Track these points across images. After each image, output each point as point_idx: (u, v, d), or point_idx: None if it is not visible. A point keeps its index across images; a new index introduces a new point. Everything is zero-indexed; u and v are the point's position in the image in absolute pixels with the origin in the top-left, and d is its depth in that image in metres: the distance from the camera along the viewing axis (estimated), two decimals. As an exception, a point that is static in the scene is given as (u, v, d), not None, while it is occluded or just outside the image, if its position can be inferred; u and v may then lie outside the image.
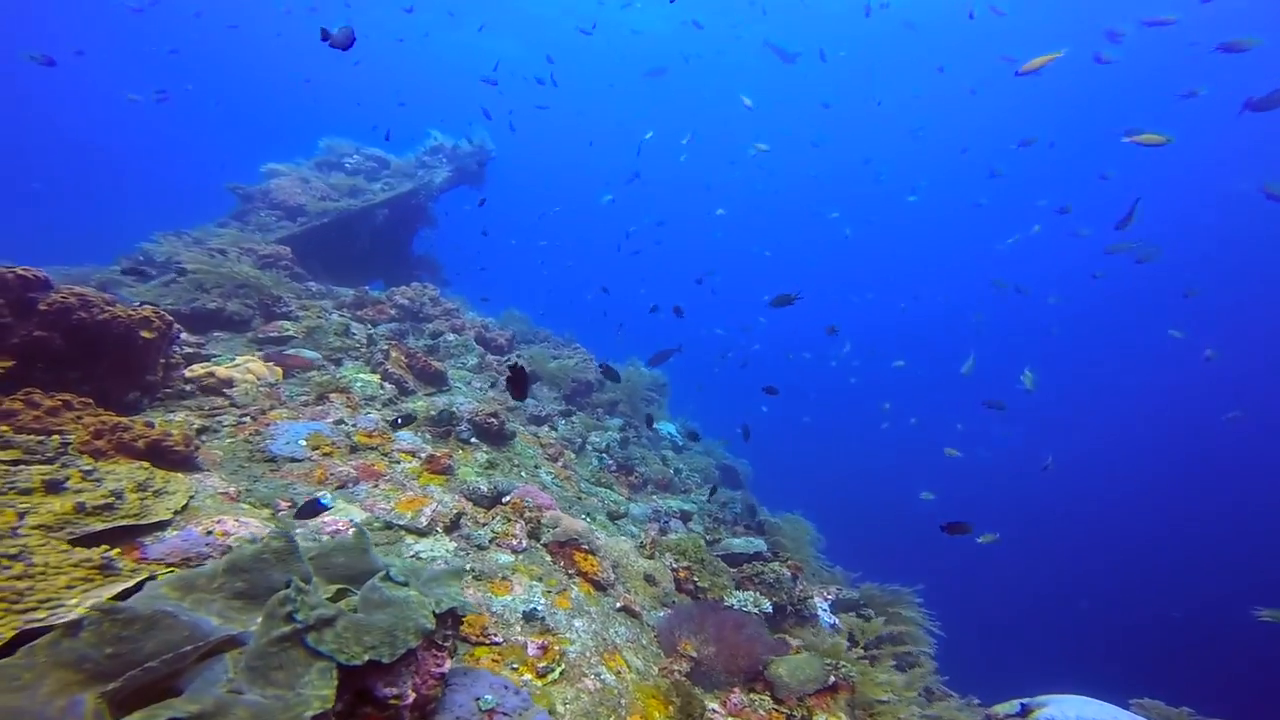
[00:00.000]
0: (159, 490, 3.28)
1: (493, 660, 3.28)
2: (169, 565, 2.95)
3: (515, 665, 3.29)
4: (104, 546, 2.59)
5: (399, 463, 4.91)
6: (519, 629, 3.61)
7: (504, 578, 3.96)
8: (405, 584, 2.40)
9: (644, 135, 16.71)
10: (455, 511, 4.35)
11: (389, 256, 12.99)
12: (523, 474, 5.78)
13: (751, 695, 4.00)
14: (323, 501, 3.73)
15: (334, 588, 2.52)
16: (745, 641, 4.11)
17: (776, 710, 3.89)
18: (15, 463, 3.04)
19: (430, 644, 2.49)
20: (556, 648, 3.47)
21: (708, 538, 6.24)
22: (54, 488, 2.91)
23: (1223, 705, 5.30)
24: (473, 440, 5.90)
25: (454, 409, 5.89)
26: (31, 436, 3.24)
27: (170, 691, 1.96)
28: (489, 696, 2.65)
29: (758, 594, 5.04)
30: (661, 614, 4.58)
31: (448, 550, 4.02)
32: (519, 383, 3.85)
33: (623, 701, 3.39)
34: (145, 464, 3.43)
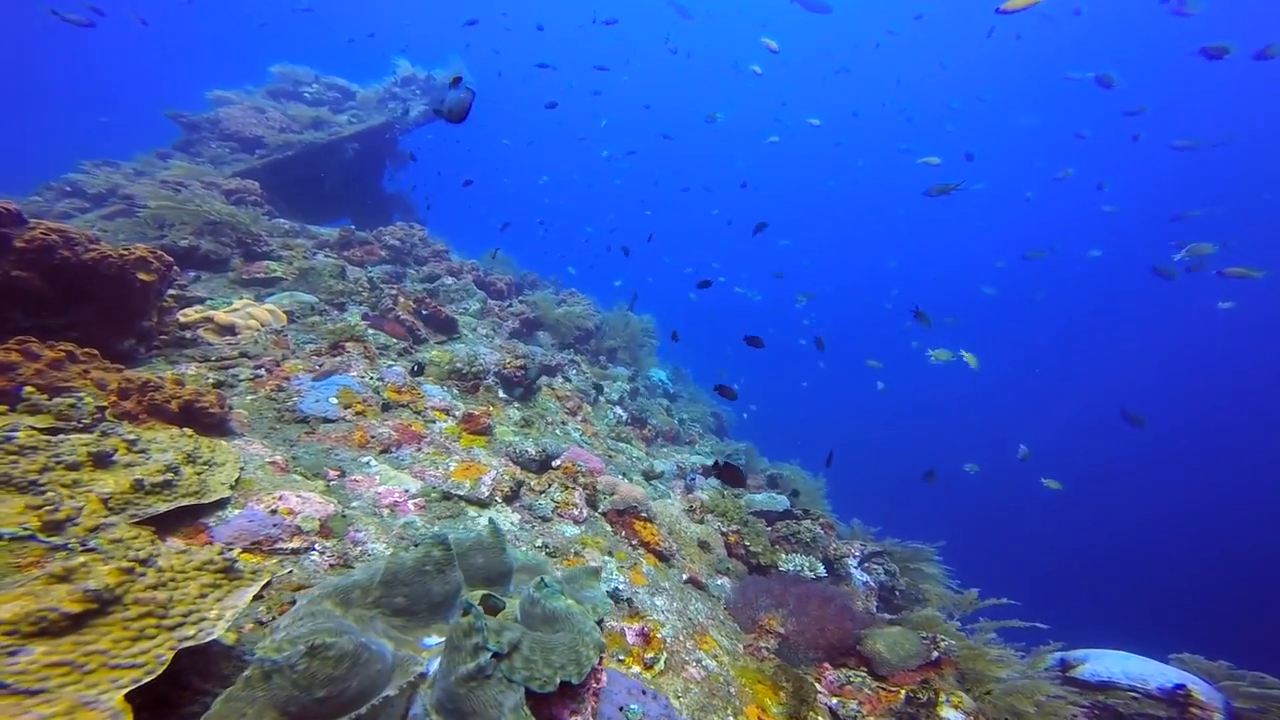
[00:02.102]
0: (209, 462, 2.92)
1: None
2: (242, 550, 2.65)
3: (622, 657, 3.09)
4: (212, 545, 2.26)
5: (434, 422, 4.59)
6: (610, 613, 3.46)
7: (576, 553, 3.76)
8: (562, 592, 2.17)
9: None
10: (515, 480, 4.09)
11: (359, 195, 12.13)
12: (556, 431, 5.53)
13: (845, 671, 3.91)
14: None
15: (479, 593, 2.29)
16: (834, 615, 3.99)
17: (885, 689, 3.79)
18: (51, 431, 2.63)
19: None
20: (657, 635, 3.32)
21: (729, 494, 6.16)
22: (102, 461, 2.53)
23: (1262, 658, 5.52)
24: (502, 395, 5.60)
25: (479, 359, 5.54)
26: (63, 400, 2.81)
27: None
28: (635, 706, 2.49)
29: (811, 558, 5.00)
30: (721, 583, 4.49)
31: (512, 524, 3.78)
32: (732, 476, 4.23)
33: (732, 690, 3.27)
34: (189, 431, 3.04)
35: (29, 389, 2.80)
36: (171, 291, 5.42)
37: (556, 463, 4.58)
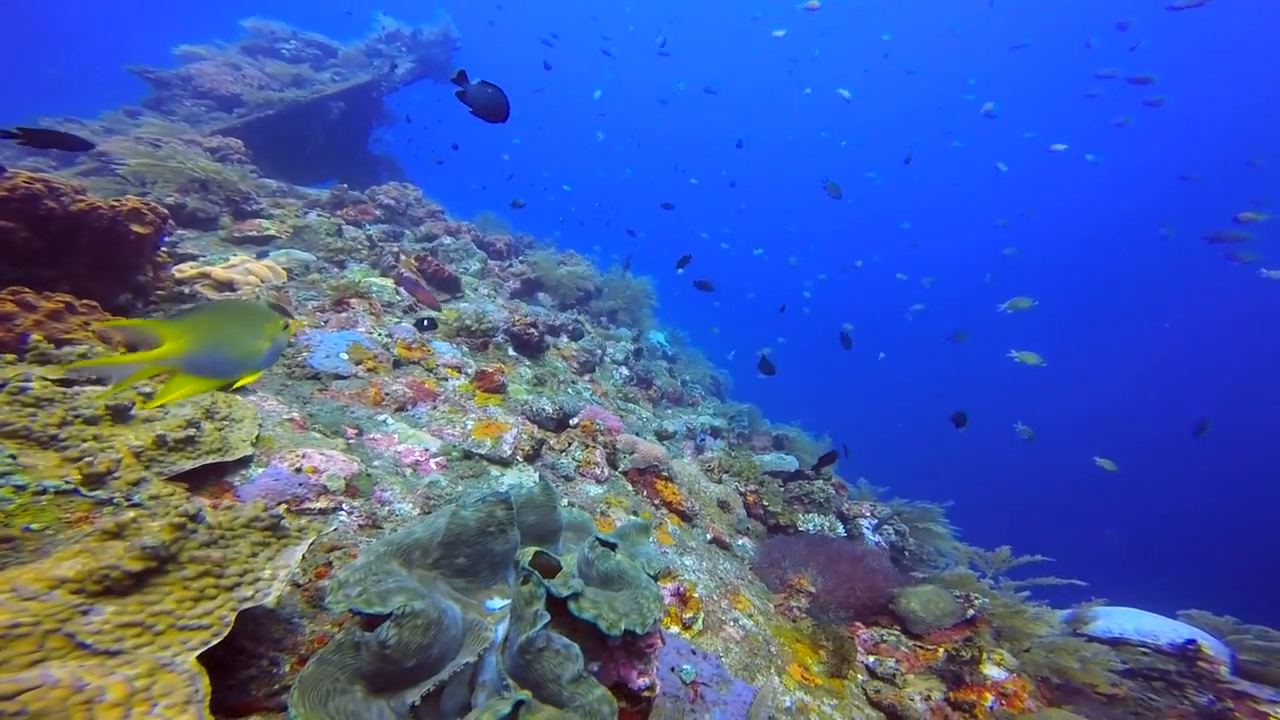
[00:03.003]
0: (227, 417, 2.77)
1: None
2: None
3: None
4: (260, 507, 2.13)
5: (447, 379, 4.45)
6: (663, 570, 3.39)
7: (602, 513, 3.68)
8: (615, 546, 2.07)
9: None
10: (535, 438, 3.98)
11: (345, 156, 11.67)
12: (568, 390, 5.42)
13: (878, 630, 3.89)
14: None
15: (531, 550, 2.19)
16: (865, 574, 3.96)
17: (922, 647, 3.78)
18: (64, 383, 2.46)
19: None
20: (693, 594, 3.26)
21: (744, 453, 6.12)
22: (121, 416, 2.37)
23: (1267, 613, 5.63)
24: (512, 353, 5.45)
25: (488, 316, 5.38)
26: (73, 350, 2.64)
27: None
28: (687, 667, 2.44)
29: (830, 518, 4.98)
30: (743, 543, 4.45)
31: (536, 484, 3.70)
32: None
33: (772, 649, 3.23)
34: (204, 384, 2.88)
35: (36, 336, 2.62)
36: (163, 248, 5.18)
37: (574, 421, 4.47)
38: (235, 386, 1.69)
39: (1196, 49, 31.81)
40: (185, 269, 4.87)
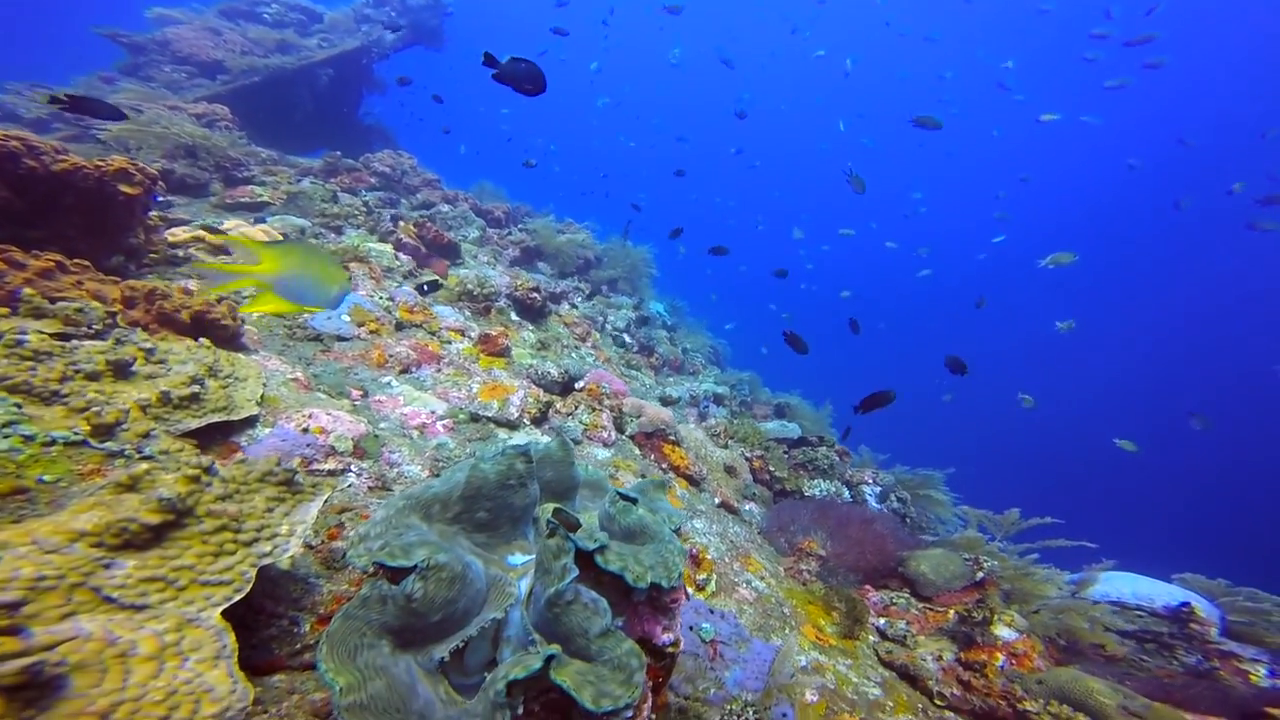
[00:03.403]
0: (231, 376, 2.69)
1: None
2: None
3: (675, 580, 3.03)
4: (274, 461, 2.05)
5: (450, 343, 4.37)
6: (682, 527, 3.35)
7: (611, 476, 3.63)
8: (636, 501, 2.02)
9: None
10: (543, 401, 3.91)
11: (334, 125, 11.35)
12: (571, 355, 5.34)
13: (887, 593, 3.88)
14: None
15: (550, 507, 2.13)
16: (874, 538, 3.94)
17: (932, 609, 3.77)
18: (62, 336, 2.37)
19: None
20: (706, 556, 3.23)
21: (748, 419, 6.08)
22: (122, 371, 2.28)
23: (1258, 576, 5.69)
24: (514, 317, 5.36)
25: (490, 281, 5.28)
26: (69, 304, 2.53)
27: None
28: (706, 625, 2.41)
29: (836, 483, 4.96)
30: (750, 508, 4.42)
31: (552, 438, 3.65)
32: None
33: (785, 611, 3.22)
34: (206, 342, 2.79)
35: (28, 291, 2.52)
36: (154, 211, 5.03)
37: (580, 385, 4.41)
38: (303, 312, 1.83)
39: (1205, 11, 31.40)
40: (178, 233, 4.73)
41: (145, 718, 1.27)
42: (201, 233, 4.69)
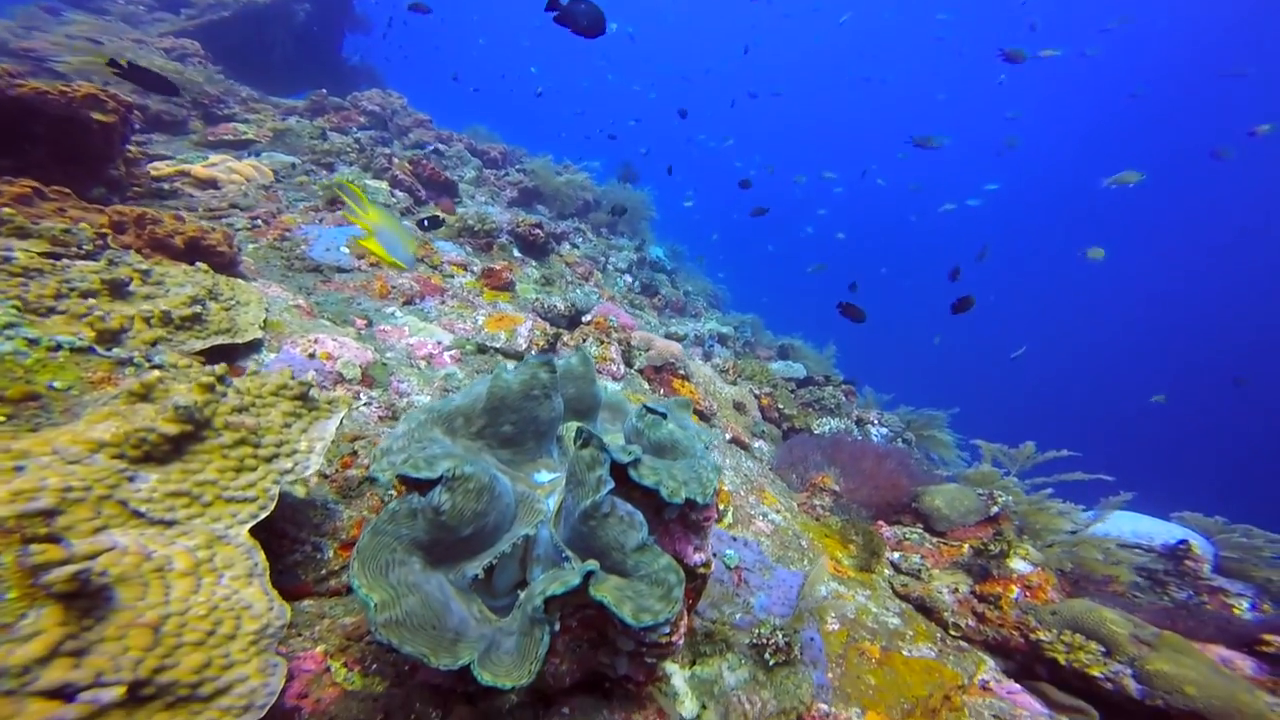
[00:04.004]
0: (232, 300, 2.55)
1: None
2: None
3: (690, 509, 2.96)
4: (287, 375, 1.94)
5: (453, 276, 4.23)
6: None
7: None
8: (665, 415, 1.91)
9: None
10: (550, 334, 3.80)
11: (316, 66, 10.78)
12: (577, 292, 5.20)
13: (900, 528, 3.85)
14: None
15: (574, 425, 2.04)
16: (888, 472, 3.88)
17: (946, 544, 3.74)
18: (52, 256, 2.22)
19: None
20: (723, 488, 3.17)
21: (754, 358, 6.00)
22: (119, 291, 2.14)
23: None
24: (517, 254, 5.20)
25: (490, 217, 5.10)
26: (55, 224, 2.38)
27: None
28: (730, 552, 2.35)
29: (845, 421, 4.91)
30: (760, 445, 4.36)
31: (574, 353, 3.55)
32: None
33: (803, 543, 3.17)
34: (203, 267, 2.64)
35: (8, 211, 2.35)
36: (132, 143, 4.78)
37: (587, 318, 4.29)
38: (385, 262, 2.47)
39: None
40: (162, 167, 4.51)
41: (192, 631, 1.26)
42: (186, 166, 4.47)
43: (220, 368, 1.56)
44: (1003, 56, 7.22)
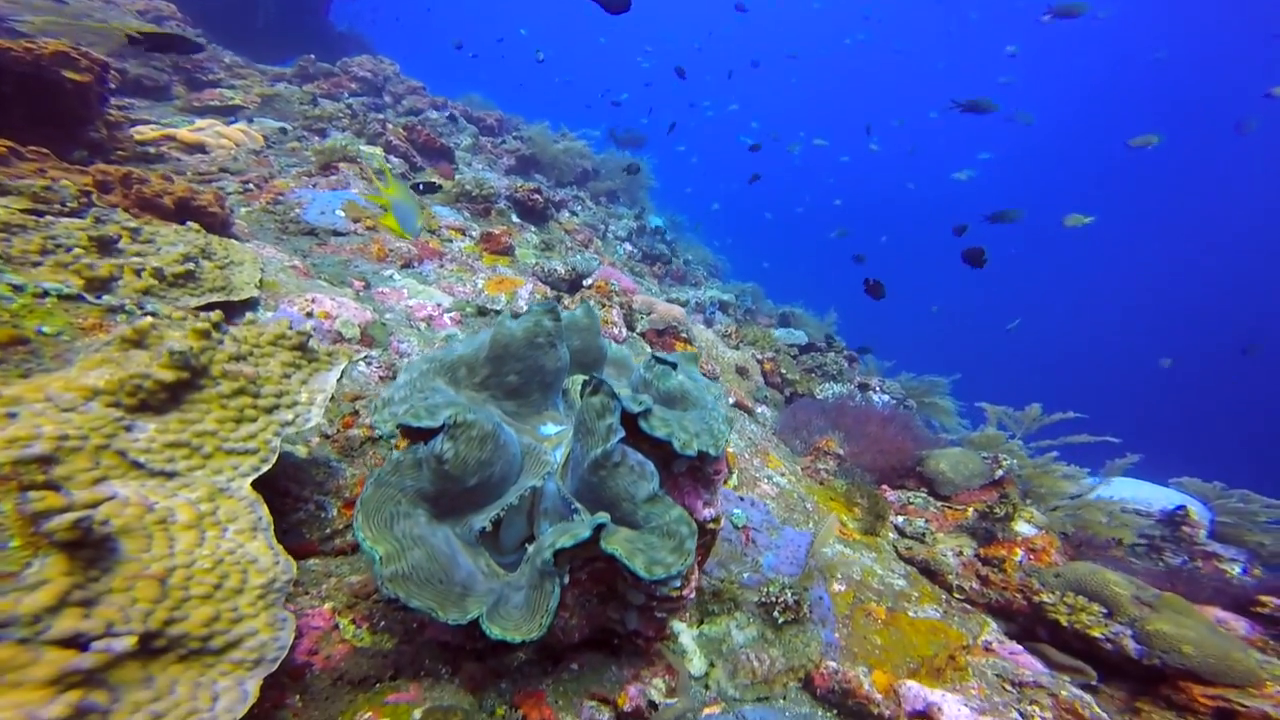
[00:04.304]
0: (226, 259, 2.49)
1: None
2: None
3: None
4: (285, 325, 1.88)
5: (451, 241, 4.16)
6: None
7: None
8: (675, 366, 1.87)
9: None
10: (551, 296, 3.75)
11: (302, 32, 10.45)
12: (577, 257, 5.13)
13: (905, 492, 3.83)
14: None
15: (579, 378, 2.00)
16: (894, 436, 3.86)
17: (950, 508, 3.73)
18: (34, 214, 2.15)
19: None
20: (728, 449, 3.14)
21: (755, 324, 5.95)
22: (107, 248, 2.08)
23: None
24: (515, 219, 5.12)
25: (488, 182, 5.00)
26: (35, 181, 2.30)
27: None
28: (737, 511, 2.32)
29: (849, 387, 4.88)
30: (762, 411, 4.33)
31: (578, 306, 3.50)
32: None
33: (808, 506, 3.15)
34: (196, 226, 2.57)
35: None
36: (111, 104, 4.64)
37: (588, 281, 4.22)
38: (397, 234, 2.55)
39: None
40: (146, 131, 4.39)
41: (199, 584, 1.25)
42: (172, 131, 4.36)
43: (216, 314, 1.51)
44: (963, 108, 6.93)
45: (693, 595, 1.72)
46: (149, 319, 1.46)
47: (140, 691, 1.11)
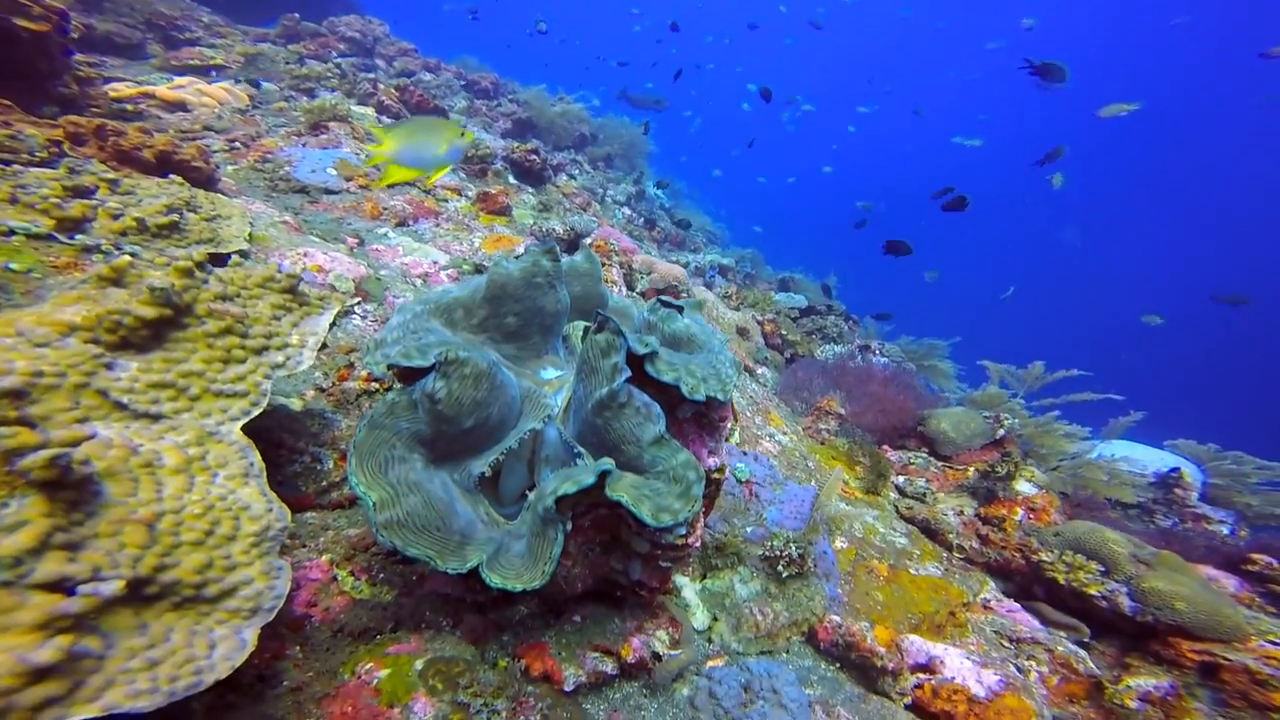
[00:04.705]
0: (213, 213, 2.41)
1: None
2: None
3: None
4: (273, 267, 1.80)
5: (447, 200, 4.07)
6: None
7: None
8: (681, 310, 1.80)
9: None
10: (549, 249, 3.66)
11: None
12: (575, 217, 5.04)
13: (905, 453, 3.81)
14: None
15: (580, 324, 1.94)
16: (894, 397, 3.82)
17: (951, 468, 3.71)
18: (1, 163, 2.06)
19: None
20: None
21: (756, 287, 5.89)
22: (83, 199, 1.99)
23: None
24: (512, 180, 5.01)
25: (483, 142, 4.89)
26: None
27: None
28: (741, 465, 2.28)
29: (849, 348, 4.84)
30: (763, 372, 4.29)
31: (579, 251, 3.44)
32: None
33: (810, 465, 3.12)
34: (179, 179, 2.48)
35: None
36: (84, 66, 4.47)
37: (587, 241, 4.14)
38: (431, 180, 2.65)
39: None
40: (121, 88, 4.23)
41: (189, 530, 1.20)
42: (150, 88, 4.21)
43: (199, 253, 1.44)
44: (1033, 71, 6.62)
45: (698, 544, 1.69)
46: (126, 258, 1.39)
47: (135, 638, 1.08)
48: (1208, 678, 2.75)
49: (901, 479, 3.65)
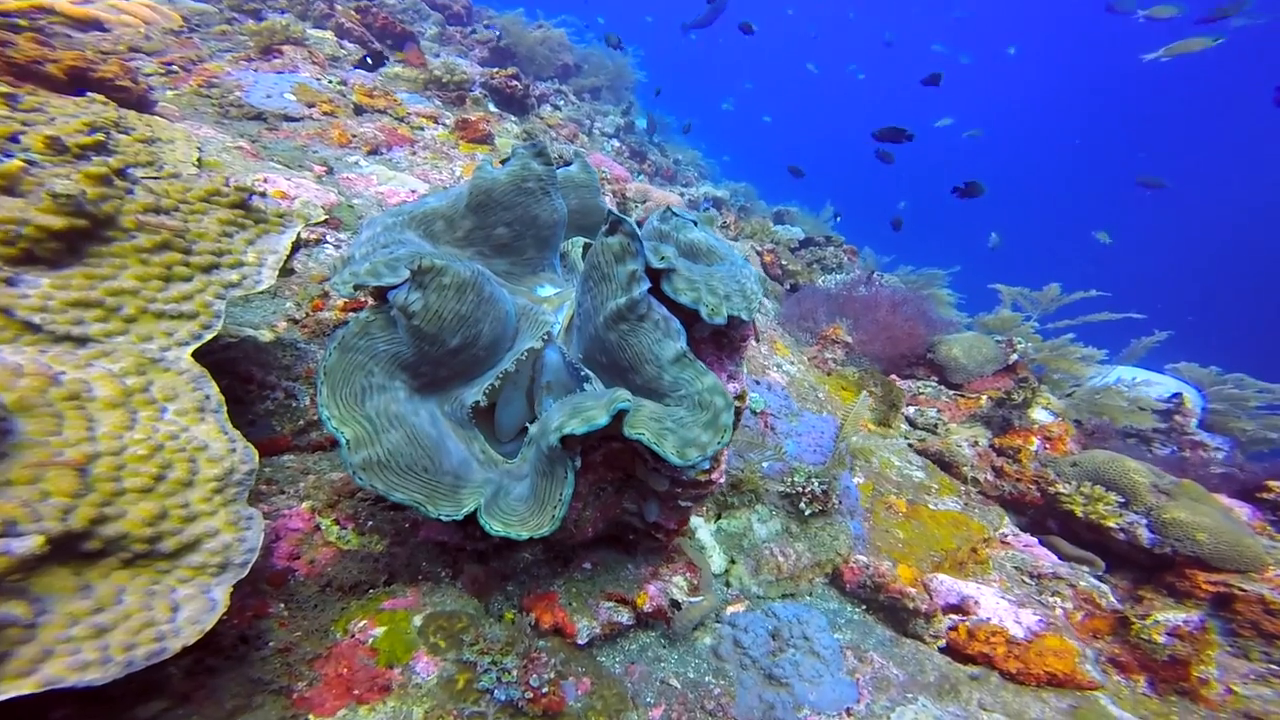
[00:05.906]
0: (149, 137, 2.11)
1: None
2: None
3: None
4: (220, 180, 1.55)
5: (423, 128, 3.76)
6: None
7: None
8: (695, 223, 1.56)
9: None
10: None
11: None
12: (563, 146, 4.73)
13: (915, 382, 3.66)
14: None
15: (580, 241, 1.72)
16: (905, 321, 3.64)
17: (962, 396, 3.55)
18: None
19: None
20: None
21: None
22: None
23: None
24: (493, 109, 4.66)
25: (459, 68, 4.52)
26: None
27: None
28: (755, 395, 2.09)
29: (856, 275, 4.64)
30: (765, 302, 4.08)
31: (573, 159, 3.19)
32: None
33: (820, 395, 2.95)
34: (102, 99, 2.17)
35: None
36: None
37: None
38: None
39: None
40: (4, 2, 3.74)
41: (134, 475, 1.02)
42: (48, 1, 3.73)
43: (116, 160, 1.20)
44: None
45: (723, 479, 1.51)
46: (17, 160, 1.15)
47: (76, 601, 0.93)
48: (1219, 609, 2.71)
49: (912, 409, 3.51)
